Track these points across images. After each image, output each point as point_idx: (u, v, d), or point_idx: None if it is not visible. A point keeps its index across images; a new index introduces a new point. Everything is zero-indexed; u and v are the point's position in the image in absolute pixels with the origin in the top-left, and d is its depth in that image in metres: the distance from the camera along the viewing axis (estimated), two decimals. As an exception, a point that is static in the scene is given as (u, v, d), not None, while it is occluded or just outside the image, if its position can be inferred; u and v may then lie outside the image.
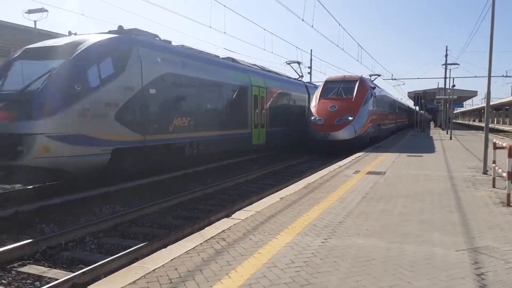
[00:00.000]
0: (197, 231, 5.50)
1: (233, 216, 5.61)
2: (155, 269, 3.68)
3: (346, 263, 3.76)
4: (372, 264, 3.72)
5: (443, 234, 4.61)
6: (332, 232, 4.73)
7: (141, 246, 5.35)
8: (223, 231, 4.79)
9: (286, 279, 3.40)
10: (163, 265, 3.77)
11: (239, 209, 6.55)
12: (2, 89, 8.12)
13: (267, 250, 4.11)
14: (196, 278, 3.45)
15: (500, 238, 4.43)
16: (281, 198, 6.72)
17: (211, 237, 4.56)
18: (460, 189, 7.48)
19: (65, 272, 4.86)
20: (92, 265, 4.79)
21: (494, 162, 7.62)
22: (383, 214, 5.59)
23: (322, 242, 4.36)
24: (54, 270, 4.93)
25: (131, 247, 5.41)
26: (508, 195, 6.07)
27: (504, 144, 7.02)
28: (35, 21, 18.54)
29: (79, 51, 8.32)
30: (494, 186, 7.55)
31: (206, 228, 5.02)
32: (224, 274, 3.52)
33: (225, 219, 5.43)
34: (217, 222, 5.30)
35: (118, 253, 5.24)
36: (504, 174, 6.43)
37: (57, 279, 4.46)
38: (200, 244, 4.36)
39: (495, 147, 7.61)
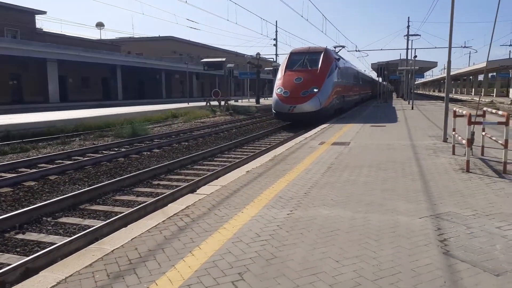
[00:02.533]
0: (160, 208, 5.33)
1: (198, 191, 5.46)
2: (114, 249, 3.49)
3: (312, 234, 3.72)
4: (337, 235, 3.69)
5: (407, 202, 4.66)
6: (297, 204, 4.69)
7: (101, 225, 5.11)
8: (187, 207, 4.64)
9: (251, 254, 3.31)
10: (122, 245, 3.59)
11: (205, 184, 6.41)
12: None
13: (232, 225, 4.01)
14: (158, 257, 3.30)
15: (460, 204, 4.54)
16: (247, 171, 6.62)
17: (174, 214, 4.39)
18: (422, 157, 7.64)
19: (19, 256, 4.57)
20: (48, 247, 4.53)
21: (454, 130, 7.80)
22: (347, 184, 5.60)
23: (288, 214, 4.31)
24: (7, 254, 4.63)
25: (91, 227, 5.17)
26: (467, 161, 6.24)
27: (464, 112, 7.17)
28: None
29: None
30: (454, 153, 7.76)
31: (169, 205, 4.85)
32: (187, 252, 3.38)
33: (189, 195, 5.27)
34: (181, 198, 5.14)
35: (77, 233, 4.99)
36: (464, 141, 6.59)
37: (9, 264, 4.18)
38: (163, 221, 4.19)
39: (455, 115, 7.78)
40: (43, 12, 44.15)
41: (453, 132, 7.77)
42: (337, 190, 5.29)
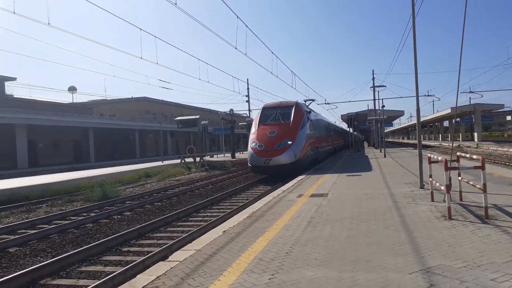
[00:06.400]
0: (130, 278, 4.86)
1: (170, 257, 5.03)
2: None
3: (297, 301, 3.36)
4: (325, 300, 3.35)
5: (394, 256, 4.39)
6: (279, 266, 4.34)
7: (62, 304, 4.56)
8: (157, 277, 4.20)
9: (230, 331, 2.92)
10: (82, 330, 3.11)
11: (179, 248, 5.97)
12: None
13: (208, 296, 3.60)
14: None
15: (449, 255, 4.30)
16: (224, 231, 6.24)
17: (142, 287, 3.95)
18: (402, 205, 7.48)
19: None
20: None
21: (430, 176, 7.75)
22: (330, 240, 5.31)
23: (270, 279, 3.94)
24: None
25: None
26: (449, 208, 6.11)
27: (440, 158, 7.17)
28: None
29: None
30: (433, 200, 7.65)
31: (138, 276, 4.40)
32: (157, 334, 2.95)
33: (160, 263, 4.83)
34: (151, 267, 4.69)
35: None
36: (442, 188, 6.50)
37: None
38: (130, 296, 3.74)
39: (430, 161, 7.76)
40: (13, 79, 43.95)
41: (430, 179, 7.72)
42: (320, 247, 4.98)
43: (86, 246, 7.20)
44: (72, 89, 61.79)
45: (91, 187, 15.47)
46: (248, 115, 47.43)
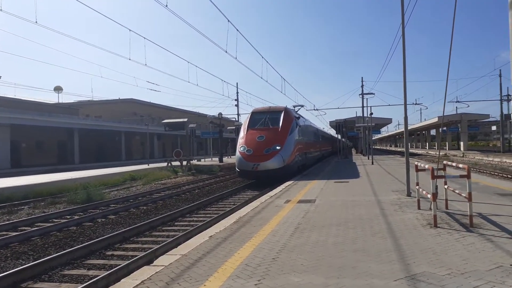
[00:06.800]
0: (114, 283, 4.77)
1: (155, 262, 4.96)
2: None
3: (283, 308, 3.34)
4: (311, 307, 3.33)
5: (379, 263, 4.40)
6: (266, 272, 4.31)
7: (42, 309, 4.45)
8: (142, 282, 4.14)
9: (215, 338, 2.88)
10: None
11: (164, 253, 5.90)
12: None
13: (193, 302, 3.55)
14: None
15: (434, 262, 4.33)
16: (210, 236, 6.19)
17: (127, 292, 3.88)
18: (388, 213, 7.53)
19: None
20: None
21: (417, 184, 7.82)
22: (317, 246, 5.31)
23: (256, 285, 3.91)
24: None
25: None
26: (434, 216, 6.17)
27: (426, 167, 7.24)
28: None
29: None
30: (419, 208, 7.72)
31: (122, 280, 4.33)
32: None
33: (145, 267, 4.76)
34: (135, 272, 4.62)
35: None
36: (429, 196, 6.56)
37: None
38: (113, 301, 3.67)
39: (417, 169, 7.84)
40: (-2, 77, 43.13)
41: (417, 187, 7.79)
42: (307, 253, 4.97)
43: (69, 249, 7.06)
44: (58, 89, 60.85)
45: (75, 189, 15.22)
46: (237, 119, 47.47)
